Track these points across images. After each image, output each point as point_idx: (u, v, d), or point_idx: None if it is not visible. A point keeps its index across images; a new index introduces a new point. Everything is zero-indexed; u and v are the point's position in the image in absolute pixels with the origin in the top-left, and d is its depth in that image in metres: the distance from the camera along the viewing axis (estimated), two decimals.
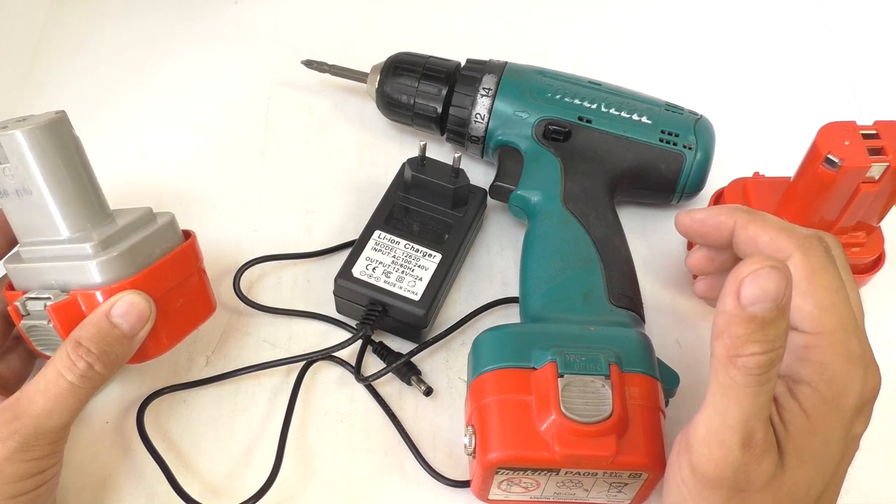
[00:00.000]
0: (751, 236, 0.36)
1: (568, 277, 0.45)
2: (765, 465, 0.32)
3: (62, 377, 0.37)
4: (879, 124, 0.43)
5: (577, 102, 0.52)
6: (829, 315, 0.33)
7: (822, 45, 0.66)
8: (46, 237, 0.40)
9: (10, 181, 0.39)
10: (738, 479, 0.32)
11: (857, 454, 0.45)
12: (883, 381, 0.49)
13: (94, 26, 0.65)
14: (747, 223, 0.37)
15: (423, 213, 0.50)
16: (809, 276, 0.33)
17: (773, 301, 0.29)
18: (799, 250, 0.34)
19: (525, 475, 0.38)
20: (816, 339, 0.33)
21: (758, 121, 0.61)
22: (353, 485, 0.44)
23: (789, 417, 0.33)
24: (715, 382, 0.31)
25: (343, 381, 0.48)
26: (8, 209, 0.41)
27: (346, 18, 0.67)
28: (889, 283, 0.51)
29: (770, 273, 0.29)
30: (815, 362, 0.33)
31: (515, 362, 0.39)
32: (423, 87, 0.54)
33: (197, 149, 0.59)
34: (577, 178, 0.50)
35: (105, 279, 0.39)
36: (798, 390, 0.33)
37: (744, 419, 0.31)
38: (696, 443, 0.32)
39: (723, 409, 0.31)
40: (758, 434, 0.31)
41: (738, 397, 0.30)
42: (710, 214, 0.38)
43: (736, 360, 0.30)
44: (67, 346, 0.37)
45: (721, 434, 0.31)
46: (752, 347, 0.29)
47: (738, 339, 0.30)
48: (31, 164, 0.39)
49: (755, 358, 0.30)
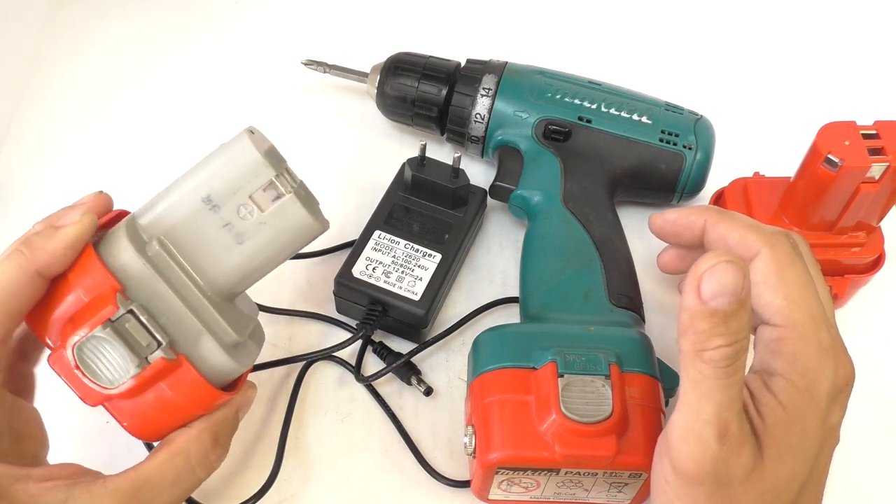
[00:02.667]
0: (721, 234, 0.37)
1: (568, 277, 0.45)
2: (743, 456, 0.32)
3: (195, 473, 0.35)
4: (879, 124, 0.43)
5: (577, 102, 0.52)
6: (799, 308, 0.34)
7: (822, 45, 0.66)
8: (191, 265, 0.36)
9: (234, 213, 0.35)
10: (718, 474, 0.32)
11: (857, 454, 0.46)
12: (883, 381, 0.49)
13: (94, 26, 0.65)
14: (717, 222, 0.38)
15: (423, 213, 0.50)
16: (778, 272, 0.34)
17: (733, 294, 0.30)
18: (767, 246, 0.35)
19: (525, 475, 0.38)
20: (787, 332, 0.34)
21: (758, 121, 0.61)
22: (353, 485, 0.44)
23: (766, 410, 0.33)
24: (685, 379, 0.32)
25: (343, 381, 0.48)
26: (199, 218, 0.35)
27: (346, 18, 0.67)
28: (889, 283, 0.51)
29: (727, 267, 0.29)
30: (787, 354, 0.33)
31: (515, 362, 0.39)
32: (423, 87, 0.54)
33: (197, 149, 0.58)
34: (577, 178, 0.50)
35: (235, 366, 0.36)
36: (773, 383, 0.33)
37: (717, 412, 0.31)
38: (673, 441, 0.33)
39: (695, 404, 0.32)
40: (732, 426, 0.31)
41: (708, 390, 0.31)
42: (682, 215, 0.39)
43: (702, 353, 0.31)
44: (205, 438, 0.35)
45: (696, 429, 0.32)
46: (716, 341, 0.30)
47: (703, 334, 0.30)
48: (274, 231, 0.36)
49: (721, 350, 0.30)
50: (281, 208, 0.35)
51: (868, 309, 0.51)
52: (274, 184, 0.35)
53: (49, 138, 0.59)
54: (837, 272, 0.48)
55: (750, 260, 0.35)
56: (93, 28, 0.65)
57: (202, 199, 0.35)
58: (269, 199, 0.35)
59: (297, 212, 0.36)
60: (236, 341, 0.36)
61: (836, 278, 0.47)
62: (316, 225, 0.37)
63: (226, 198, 0.35)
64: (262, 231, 0.36)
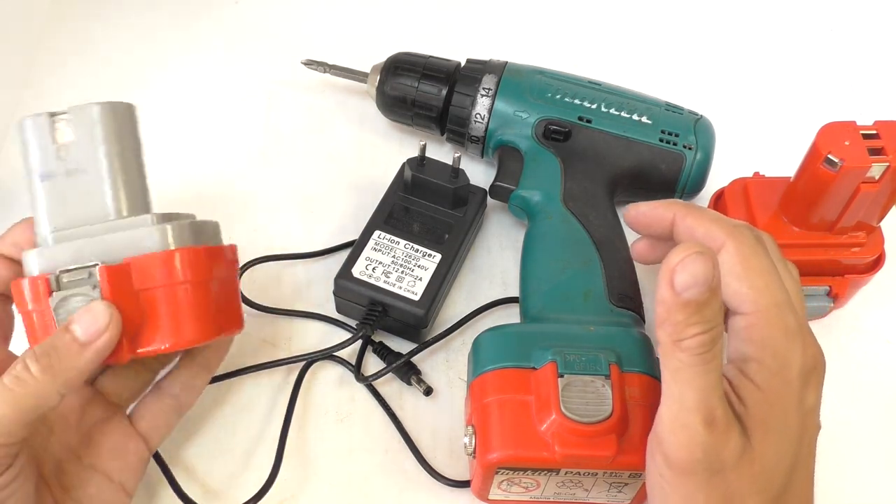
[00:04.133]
0: (688, 227, 0.38)
1: (568, 277, 0.45)
2: (732, 441, 0.33)
3: (5, 386, 0.34)
4: (879, 124, 0.43)
5: (577, 102, 0.52)
6: (764, 295, 0.35)
7: (822, 45, 0.66)
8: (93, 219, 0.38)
9: (62, 162, 0.38)
10: (710, 460, 0.32)
11: (857, 454, 0.46)
12: (883, 381, 0.49)
13: (94, 26, 0.65)
14: (685, 216, 0.39)
15: (423, 213, 0.50)
16: (743, 261, 0.36)
17: (705, 283, 0.31)
18: (730, 238, 0.36)
19: (525, 475, 0.38)
20: (755, 318, 0.35)
21: (758, 121, 0.61)
22: (353, 485, 0.44)
23: (745, 394, 0.34)
24: (666, 370, 0.33)
25: (343, 381, 0.48)
26: (43, 194, 0.38)
27: (346, 18, 0.67)
28: (889, 283, 0.51)
29: (697, 258, 0.31)
30: (757, 340, 0.35)
31: (515, 362, 0.39)
32: (423, 87, 0.54)
33: (197, 149, 0.59)
34: (577, 178, 0.50)
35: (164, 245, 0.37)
36: (748, 368, 0.34)
37: (700, 398, 0.32)
38: (663, 435, 0.33)
39: (678, 393, 0.32)
40: (717, 411, 0.32)
41: (689, 378, 0.32)
42: (652, 207, 0.41)
43: (680, 343, 0.32)
44: (23, 356, 0.35)
45: (682, 418, 0.32)
46: (692, 329, 0.31)
47: (679, 324, 0.31)
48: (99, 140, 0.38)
49: (697, 338, 0.31)
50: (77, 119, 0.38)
51: (868, 309, 0.51)
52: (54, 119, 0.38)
53: None
54: (837, 272, 0.48)
55: (716, 252, 0.36)
56: (93, 28, 0.65)
57: (40, 178, 0.38)
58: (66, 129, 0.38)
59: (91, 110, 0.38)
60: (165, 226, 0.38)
61: (836, 278, 0.47)
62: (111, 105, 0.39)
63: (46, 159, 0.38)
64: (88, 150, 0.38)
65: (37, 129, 0.38)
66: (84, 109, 0.38)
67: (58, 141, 0.38)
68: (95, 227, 0.38)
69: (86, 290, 0.36)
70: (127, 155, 0.39)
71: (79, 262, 0.37)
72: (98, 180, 0.38)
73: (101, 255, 0.37)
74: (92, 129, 0.38)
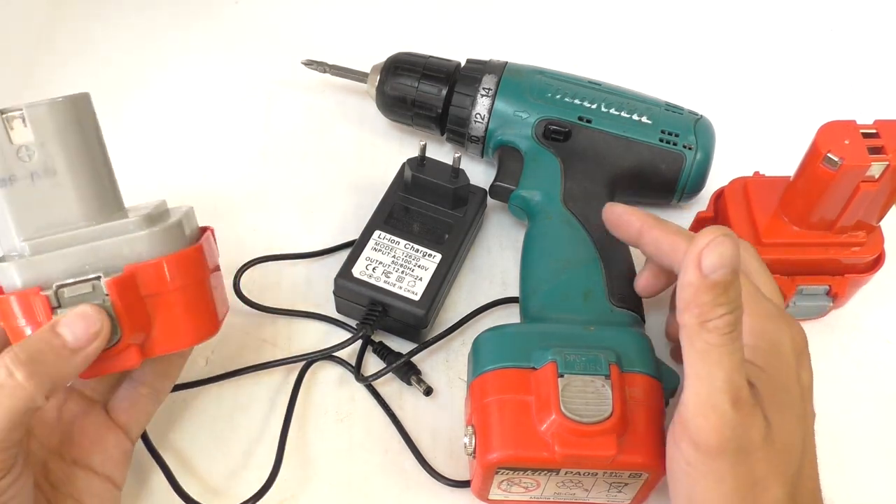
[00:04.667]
0: (654, 238, 0.40)
1: (568, 277, 0.45)
2: (757, 420, 0.33)
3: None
4: (879, 124, 0.43)
5: (577, 102, 0.52)
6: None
7: (822, 45, 0.66)
8: (66, 224, 0.36)
9: (24, 164, 0.36)
10: (739, 441, 0.33)
11: (858, 454, 0.46)
12: (883, 381, 0.49)
13: (94, 26, 0.65)
14: (651, 227, 0.40)
15: (423, 213, 0.50)
16: None
17: (731, 265, 0.32)
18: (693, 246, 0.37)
19: (525, 475, 0.38)
20: None
21: (758, 121, 0.61)
22: (353, 485, 0.44)
23: (754, 377, 0.35)
24: (692, 353, 0.33)
25: (343, 381, 0.48)
26: (5, 201, 0.36)
27: (346, 18, 0.67)
28: (889, 283, 0.51)
29: (724, 241, 0.32)
30: (747, 327, 0.35)
31: (515, 362, 0.39)
32: (423, 87, 0.54)
33: (197, 148, 0.59)
34: (577, 178, 0.50)
35: (161, 250, 0.36)
36: (747, 352, 0.35)
37: (728, 378, 0.33)
38: (690, 419, 0.34)
39: (706, 375, 0.33)
40: (743, 391, 0.33)
41: (717, 359, 0.33)
42: (625, 212, 0.42)
43: (707, 324, 0.32)
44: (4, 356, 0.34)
45: (712, 399, 0.33)
46: (719, 310, 0.32)
47: (706, 305, 0.32)
48: (62, 137, 0.36)
49: (724, 318, 0.32)
50: (35, 117, 0.36)
51: (868, 309, 0.51)
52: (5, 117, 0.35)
53: None
54: (837, 272, 0.48)
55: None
56: (93, 29, 0.65)
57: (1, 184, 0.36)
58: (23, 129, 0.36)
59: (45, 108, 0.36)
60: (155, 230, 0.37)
61: (835, 278, 0.47)
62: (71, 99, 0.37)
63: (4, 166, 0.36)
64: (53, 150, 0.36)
65: None
66: (42, 107, 0.36)
67: (15, 142, 0.36)
68: (75, 232, 0.36)
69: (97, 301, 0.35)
70: (94, 151, 0.38)
71: (73, 273, 0.36)
72: (68, 182, 0.37)
73: (95, 264, 0.36)
74: (55, 126, 0.36)
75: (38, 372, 0.33)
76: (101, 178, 0.38)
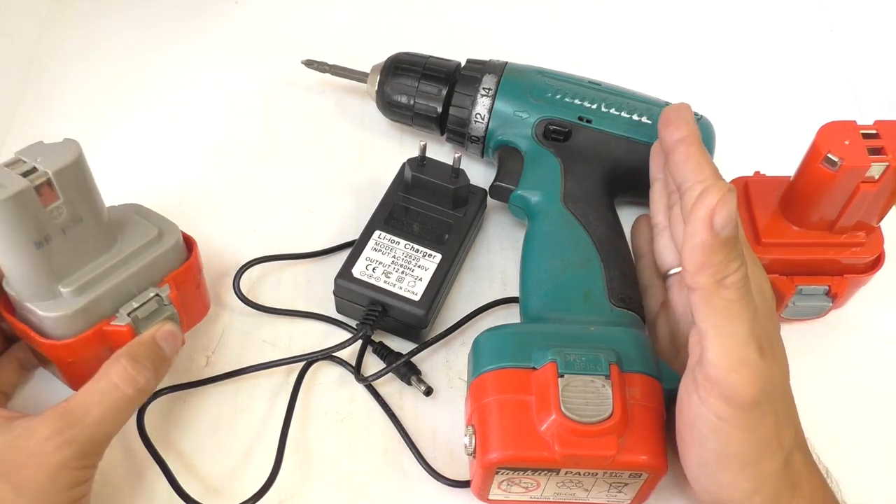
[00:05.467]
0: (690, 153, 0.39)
1: (568, 277, 0.45)
2: (777, 363, 0.35)
3: (119, 388, 0.39)
4: (879, 124, 0.43)
5: (577, 102, 0.52)
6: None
7: (822, 45, 0.66)
8: (92, 257, 0.41)
9: (56, 221, 0.38)
10: (770, 389, 0.34)
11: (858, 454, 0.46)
12: (883, 381, 0.49)
13: (94, 26, 0.65)
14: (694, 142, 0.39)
15: (423, 213, 0.50)
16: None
17: (735, 219, 0.33)
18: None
19: (525, 475, 0.38)
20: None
21: (758, 121, 0.61)
22: (353, 485, 0.44)
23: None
24: (712, 313, 0.34)
25: (343, 381, 0.48)
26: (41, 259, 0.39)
27: (346, 18, 0.67)
28: (889, 283, 0.51)
29: (731, 196, 0.33)
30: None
31: (515, 362, 0.39)
32: (423, 87, 0.54)
33: (197, 149, 0.59)
34: (577, 178, 0.50)
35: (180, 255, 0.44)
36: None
37: (750, 331, 0.33)
38: (721, 376, 0.34)
39: (731, 331, 0.33)
40: (763, 339, 0.34)
41: (738, 313, 0.33)
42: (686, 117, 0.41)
43: (724, 281, 0.33)
44: (123, 361, 0.39)
45: (741, 353, 0.33)
46: (734, 265, 0.33)
47: (721, 263, 0.33)
48: (82, 187, 0.39)
49: (740, 272, 0.33)
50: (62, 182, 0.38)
51: (868, 309, 0.51)
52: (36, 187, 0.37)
53: (49, 138, 0.58)
54: (837, 272, 0.48)
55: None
56: (93, 28, 0.65)
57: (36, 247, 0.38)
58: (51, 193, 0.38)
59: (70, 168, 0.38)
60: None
61: (835, 278, 0.47)
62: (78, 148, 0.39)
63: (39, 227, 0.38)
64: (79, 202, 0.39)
65: (24, 204, 0.37)
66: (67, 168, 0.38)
67: (47, 206, 0.38)
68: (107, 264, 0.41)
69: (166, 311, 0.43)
70: (95, 187, 0.41)
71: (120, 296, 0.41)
72: (92, 222, 0.40)
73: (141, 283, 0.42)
74: (76, 180, 0.38)
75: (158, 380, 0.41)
76: (104, 207, 0.42)
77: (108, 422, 0.38)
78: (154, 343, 0.41)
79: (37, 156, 0.38)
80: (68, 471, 0.37)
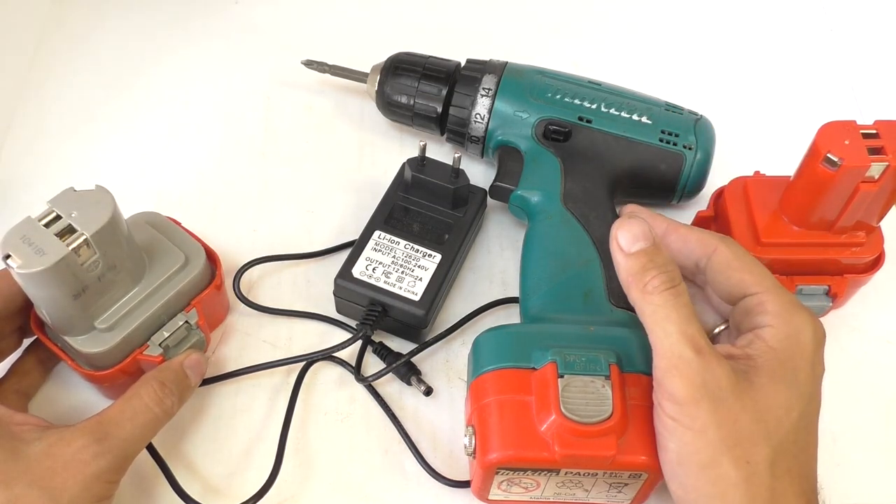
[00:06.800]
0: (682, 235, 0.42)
1: (568, 277, 0.45)
2: (723, 367, 0.35)
3: (150, 409, 0.41)
4: (879, 124, 0.43)
5: (577, 102, 0.52)
6: (766, 277, 0.39)
7: (822, 45, 0.66)
8: (123, 294, 0.43)
9: (92, 273, 0.40)
10: (709, 385, 0.35)
11: (858, 454, 0.46)
12: (883, 381, 0.49)
13: (94, 26, 0.65)
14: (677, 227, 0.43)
15: (423, 214, 0.50)
16: (736, 257, 0.40)
17: (645, 237, 0.37)
18: (721, 242, 0.41)
19: (525, 475, 0.38)
20: (766, 295, 0.39)
21: (758, 121, 0.61)
22: (353, 485, 0.45)
23: (756, 352, 0.37)
24: (646, 321, 0.37)
25: (343, 381, 0.48)
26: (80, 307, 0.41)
27: (346, 18, 0.67)
28: (889, 283, 0.51)
29: (630, 221, 0.38)
30: (770, 311, 0.38)
31: (515, 362, 0.39)
32: (423, 87, 0.54)
33: (197, 149, 0.59)
34: (577, 178, 0.50)
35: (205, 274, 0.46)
36: (764, 333, 0.38)
37: (681, 329, 0.36)
38: (663, 378, 0.36)
39: (662, 333, 0.36)
40: (699, 339, 0.36)
41: (666, 314, 0.36)
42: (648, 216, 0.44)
43: (646, 288, 0.37)
44: (153, 384, 0.42)
45: (674, 353, 0.35)
46: (650, 273, 0.37)
47: (639, 275, 0.37)
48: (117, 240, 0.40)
49: (658, 278, 0.36)
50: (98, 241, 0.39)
51: (868, 309, 0.51)
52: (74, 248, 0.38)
53: (49, 138, 0.59)
54: (837, 272, 0.48)
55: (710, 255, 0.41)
56: (93, 28, 0.65)
57: (74, 298, 0.40)
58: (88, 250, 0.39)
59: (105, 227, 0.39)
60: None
61: (835, 278, 0.47)
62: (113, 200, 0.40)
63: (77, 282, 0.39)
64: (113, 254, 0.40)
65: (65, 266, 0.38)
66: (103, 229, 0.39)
67: (84, 263, 0.39)
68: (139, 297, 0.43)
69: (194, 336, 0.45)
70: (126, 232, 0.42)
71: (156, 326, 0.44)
72: (126, 267, 0.42)
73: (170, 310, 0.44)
74: (112, 234, 0.39)
75: (181, 405, 0.43)
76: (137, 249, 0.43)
77: (137, 438, 0.40)
78: (181, 371, 0.43)
79: (71, 209, 0.39)
80: (101, 483, 0.38)
